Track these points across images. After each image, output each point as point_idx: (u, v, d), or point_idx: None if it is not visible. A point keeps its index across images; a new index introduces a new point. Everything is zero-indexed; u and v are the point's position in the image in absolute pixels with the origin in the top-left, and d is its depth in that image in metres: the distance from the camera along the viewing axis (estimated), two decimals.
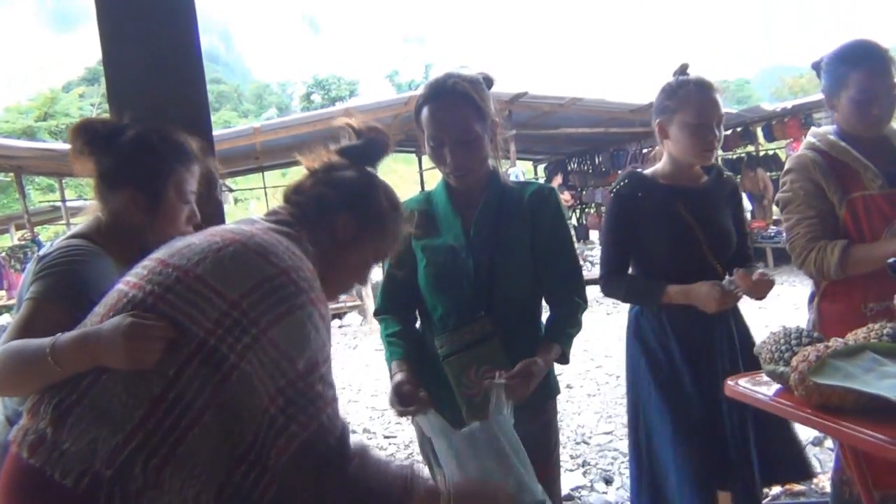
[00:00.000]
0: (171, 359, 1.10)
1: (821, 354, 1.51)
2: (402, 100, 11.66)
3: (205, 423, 1.08)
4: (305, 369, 1.15)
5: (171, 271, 1.17)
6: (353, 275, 1.49)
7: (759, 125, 13.72)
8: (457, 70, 1.87)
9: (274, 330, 1.13)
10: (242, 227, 1.27)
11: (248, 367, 1.10)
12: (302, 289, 1.19)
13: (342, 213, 1.39)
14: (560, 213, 1.98)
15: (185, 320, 1.11)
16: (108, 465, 1.05)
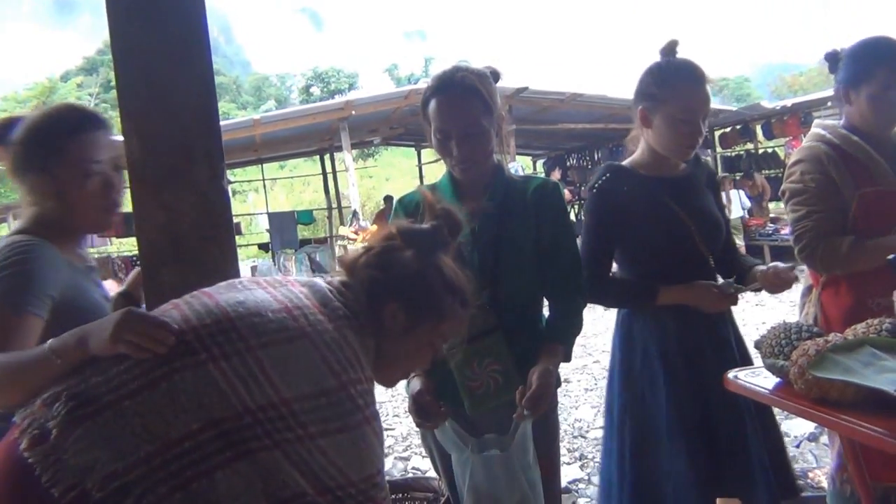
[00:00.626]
0: (199, 414, 1.07)
1: (820, 349, 1.53)
2: (402, 93, 11.65)
3: (213, 479, 1.05)
4: (359, 479, 1.14)
5: (235, 338, 1.14)
6: (411, 362, 1.44)
7: (758, 123, 13.74)
8: (464, 63, 1.89)
9: (323, 441, 1.11)
10: (317, 312, 1.22)
11: (281, 456, 1.08)
12: (359, 407, 1.16)
13: (389, 303, 1.32)
14: (563, 208, 2.00)
15: (230, 390, 1.09)
16: (100, 489, 1.03)
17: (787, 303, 8.77)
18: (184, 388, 1.09)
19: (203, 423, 1.07)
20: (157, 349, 1.12)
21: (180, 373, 1.10)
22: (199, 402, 1.08)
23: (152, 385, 1.09)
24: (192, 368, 1.10)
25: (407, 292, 1.33)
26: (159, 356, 1.12)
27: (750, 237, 13.49)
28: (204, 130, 1.80)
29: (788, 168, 2.31)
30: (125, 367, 1.12)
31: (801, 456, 3.83)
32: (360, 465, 1.14)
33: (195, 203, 1.75)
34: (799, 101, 12.89)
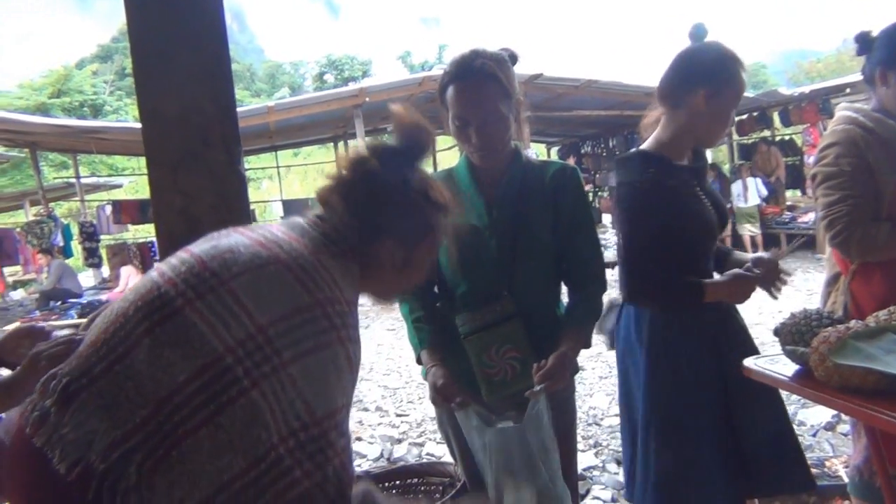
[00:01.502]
0: (184, 365, 1.07)
1: (841, 335, 1.51)
2: (416, 80, 11.59)
3: (198, 437, 1.05)
4: (322, 415, 1.11)
5: (208, 276, 1.13)
6: (407, 283, 1.42)
7: (775, 110, 13.60)
8: (482, 48, 1.86)
9: (295, 366, 1.09)
10: (291, 241, 1.21)
11: (258, 398, 1.07)
12: (334, 325, 1.14)
13: (384, 240, 1.28)
14: (582, 193, 1.98)
15: (209, 331, 1.08)
16: (103, 460, 1.04)
17: (804, 291, 8.72)
18: (165, 339, 1.09)
19: (188, 373, 1.06)
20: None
21: (160, 325, 1.10)
22: (182, 352, 1.07)
23: (137, 344, 1.09)
24: (171, 317, 1.10)
25: (400, 225, 1.29)
26: (139, 315, 1.12)
27: (766, 225, 13.40)
28: (220, 115, 1.80)
29: (820, 151, 2.22)
30: (111, 334, 1.13)
31: (818, 445, 3.81)
32: (325, 397, 1.11)
33: (212, 187, 1.75)
34: (817, 88, 12.72)
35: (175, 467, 1.04)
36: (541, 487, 1.68)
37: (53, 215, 13.37)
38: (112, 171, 27.75)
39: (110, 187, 19.56)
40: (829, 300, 2.33)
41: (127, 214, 13.14)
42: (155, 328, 1.09)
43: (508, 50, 1.90)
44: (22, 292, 14.68)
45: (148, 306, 1.12)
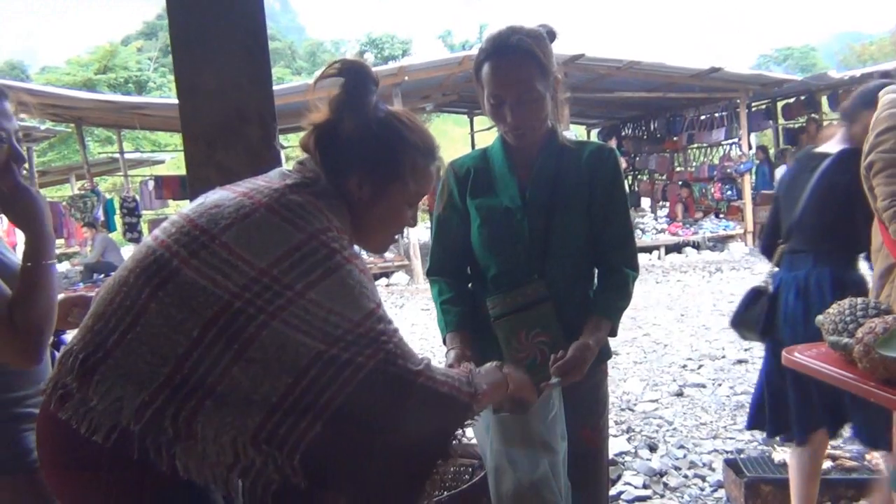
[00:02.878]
0: (194, 319, 1.10)
1: (889, 326, 1.46)
2: (456, 59, 11.51)
3: (233, 376, 1.09)
4: (361, 318, 1.16)
5: (198, 234, 1.16)
6: (389, 227, 1.44)
7: (824, 94, 13.22)
8: (519, 25, 1.81)
9: (313, 292, 1.13)
10: (272, 186, 1.25)
11: (281, 326, 1.10)
12: (334, 250, 1.18)
13: (351, 176, 1.32)
14: (619, 176, 1.93)
15: (210, 284, 1.11)
16: (136, 422, 1.07)
17: None
18: (170, 300, 1.11)
19: (201, 327, 1.09)
20: None
21: (162, 288, 1.12)
22: (190, 308, 1.10)
23: (144, 310, 1.12)
24: (170, 278, 1.13)
25: (362, 161, 1.32)
26: (139, 281, 1.15)
27: None
28: (256, 90, 1.80)
29: (877, 136, 2.10)
30: (116, 305, 1.15)
31: None
32: (356, 304, 1.16)
33: (248, 163, 1.75)
34: (869, 71, 12.30)
35: (214, 415, 1.08)
36: (538, 477, 1.65)
37: (96, 189, 13.65)
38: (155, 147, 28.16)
39: (153, 163, 19.88)
40: (884, 292, 2.23)
41: (168, 189, 13.35)
42: (157, 292, 1.12)
43: (546, 26, 1.85)
44: (67, 265, 15.04)
45: (146, 271, 1.15)
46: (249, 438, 1.09)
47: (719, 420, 4.18)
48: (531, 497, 1.64)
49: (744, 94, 12.82)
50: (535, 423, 1.68)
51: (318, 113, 1.35)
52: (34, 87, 13.61)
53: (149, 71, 40.16)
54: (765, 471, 2.95)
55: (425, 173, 1.40)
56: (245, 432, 1.08)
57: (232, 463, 1.09)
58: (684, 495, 3.21)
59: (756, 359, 5.37)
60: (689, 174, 14.95)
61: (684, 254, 12.25)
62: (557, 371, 1.69)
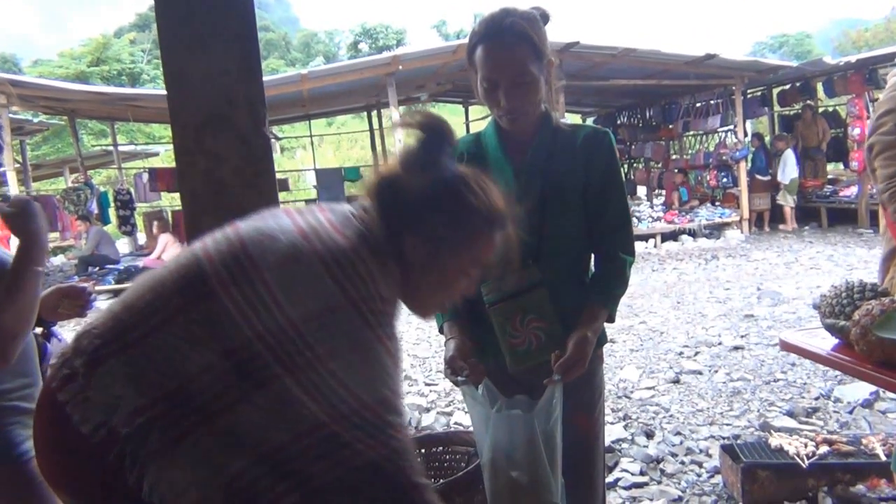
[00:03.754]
0: (213, 345, 1.07)
1: (885, 308, 1.45)
2: (450, 48, 11.45)
3: (237, 413, 1.05)
4: (373, 403, 1.10)
5: (244, 261, 1.12)
6: (440, 295, 1.34)
7: (819, 80, 13.19)
8: (512, 7, 1.79)
9: (333, 362, 1.08)
10: (332, 233, 1.17)
11: (292, 385, 1.07)
12: (370, 323, 1.12)
13: (407, 236, 1.24)
14: (614, 159, 1.90)
15: (240, 317, 1.08)
16: (126, 424, 1.05)
17: (844, 266, 8.52)
18: (197, 318, 1.08)
19: (218, 354, 1.07)
20: None
21: (194, 304, 1.09)
22: (213, 333, 1.08)
23: (171, 320, 1.09)
24: (205, 298, 1.10)
25: (421, 221, 1.24)
26: (176, 289, 1.12)
27: (806, 198, 13.10)
28: (245, 76, 1.77)
29: (877, 119, 2.09)
30: (147, 303, 1.13)
31: (855, 423, 3.73)
32: (372, 387, 1.11)
33: (237, 149, 1.73)
34: (864, 57, 12.27)
35: (203, 443, 1.04)
36: (538, 476, 1.64)
37: (90, 182, 13.60)
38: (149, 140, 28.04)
39: (147, 155, 19.82)
40: (888, 276, 2.22)
41: (162, 182, 13.31)
42: (188, 306, 1.09)
43: (540, 9, 1.82)
44: (62, 258, 14.99)
45: (184, 280, 1.12)
46: (225, 482, 1.04)
47: (716, 406, 4.18)
48: (528, 496, 1.63)
49: (739, 81, 12.79)
50: (540, 422, 1.67)
51: (386, 164, 1.29)
52: (27, 79, 13.53)
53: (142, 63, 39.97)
54: (761, 456, 2.94)
55: (486, 242, 1.30)
56: (222, 474, 1.04)
57: (196, 501, 1.05)
58: (681, 481, 3.21)
59: (752, 345, 5.38)
60: (685, 162, 14.93)
61: (680, 241, 12.24)
62: (559, 369, 1.68)
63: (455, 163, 1.30)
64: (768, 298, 6.90)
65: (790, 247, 10.70)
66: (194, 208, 1.73)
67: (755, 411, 4.05)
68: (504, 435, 1.68)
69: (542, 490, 1.64)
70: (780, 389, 4.37)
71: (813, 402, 4.10)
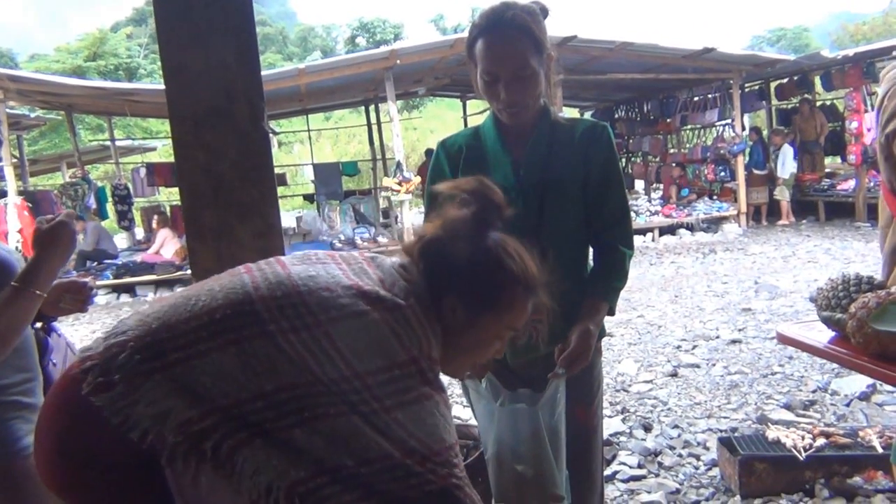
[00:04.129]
0: (272, 377, 1.07)
1: (881, 301, 1.46)
2: (448, 42, 11.43)
3: (293, 435, 1.05)
4: (441, 449, 1.12)
5: (303, 312, 1.12)
6: (473, 356, 1.37)
7: (817, 74, 13.18)
8: (513, 1, 1.79)
9: (399, 413, 1.10)
10: (384, 289, 1.20)
11: (359, 423, 1.07)
12: (428, 380, 1.15)
13: (447, 296, 1.26)
14: (613, 153, 1.91)
15: (300, 360, 1.09)
16: (177, 434, 1.06)
17: (842, 259, 8.54)
18: (254, 353, 1.08)
19: (276, 385, 1.07)
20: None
21: (249, 341, 1.09)
22: (272, 367, 1.08)
23: (221, 349, 1.09)
24: (261, 338, 1.10)
25: (462, 285, 1.27)
26: (227, 322, 1.11)
27: (803, 192, 13.11)
28: (244, 70, 1.77)
29: (887, 101, 2.07)
30: (193, 328, 1.12)
31: (852, 415, 3.75)
32: (439, 435, 1.12)
33: (235, 143, 1.73)
34: (862, 51, 12.26)
35: (260, 454, 1.04)
36: (543, 469, 1.65)
37: (87, 177, 13.57)
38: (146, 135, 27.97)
39: (144, 150, 19.76)
40: (894, 273, 2.18)
41: (160, 177, 13.29)
42: (243, 342, 1.09)
43: (539, 3, 1.83)
44: None
45: (238, 318, 1.12)
46: (287, 487, 1.04)
47: (713, 400, 4.20)
48: (534, 489, 1.65)
49: (737, 74, 12.79)
50: (544, 416, 1.68)
51: (431, 227, 1.33)
52: (24, 74, 13.49)
53: (139, 58, 39.80)
54: (759, 449, 2.95)
55: (522, 308, 1.33)
56: (285, 479, 1.04)
57: (256, 500, 1.05)
58: (679, 474, 3.23)
59: (749, 339, 5.40)
60: (683, 156, 14.93)
61: (678, 235, 12.26)
62: (563, 362, 1.69)
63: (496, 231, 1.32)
64: (766, 292, 6.91)
65: (787, 240, 10.71)
66: (193, 202, 1.73)
67: (752, 404, 4.06)
68: (509, 429, 1.70)
69: (547, 483, 1.65)
70: (777, 382, 4.39)
71: (810, 394, 4.12)
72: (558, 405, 1.72)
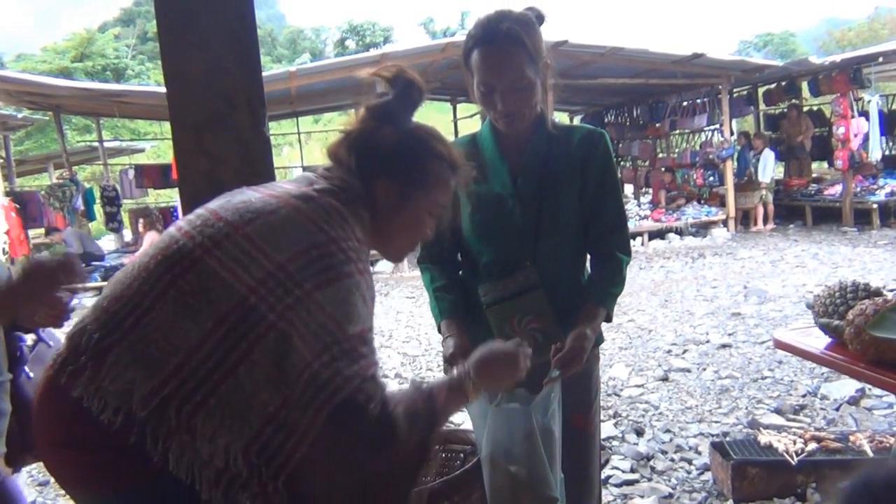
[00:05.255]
0: (209, 311, 1.12)
1: (879, 308, 1.48)
2: (439, 46, 11.46)
3: (237, 376, 1.10)
4: (352, 332, 1.16)
5: (222, 226, 1.19)
6: (410, 235, 1.46)
7: (804, 79, 13.29)
8: (508, 10, 1.79)
9: (320, 293, 1.14)
10: (300, 189, 1.27)
11: (286, 327, 1.11)
12: (350, 258, 1.20)
13: (380, 179, 1.35)
14: (610, 160, 1.92)
15: (229, 276, 1.13)
16: (143, 407, 1.09)
17: (829, 265, 8.61)
18: (188, 289, 1.13)
19: (214, 319, 1.11)
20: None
21: (182, 276, 1.14)
22: (207, 298, 1.12)
23: (162, 295, 1.14)
24: (191, 267, 1.15)
25: (393, 165, 1.36)
26: (160, 268, 1.17)
27: (791, 197, 13.21)
28: (245, 76, 1.78)
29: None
30: (135, 289, 1.17)
31: (841, 419, 3.78)
32: (354, 318, 1.17)
33: (237, 149, 1.74)
34: (848, 57, 12.38)
35: (215, 413, 1.09)
36: (536, 471, 1.66)
37: (75, 178, 13.47)
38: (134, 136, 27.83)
39: (132, 151, 19.64)
40: None
41: (149, 179, 13.23)
42: (177, 280, 1.14)
43: (535, 10, 1.83)
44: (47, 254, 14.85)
45: (168, 259, 1.17)
46: (242, 447, 1.09)
47: (704, 404, 4.22)
48: (527, 491, 1.65)
49: (725, 80, 12.87)
50: (537, 416, 1.68)
51: (356, 119, 1.40)
52: (11, 74, 13.39)
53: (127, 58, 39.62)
54: (751, 453, 2.97)
55: (447, 184, 1.44)
56: (240, 439, 1.09)
57: (222, 468, 1.10)
58: (671, 479, 3.24)
59: (739, 343, 5.43)
60: (672, 160, 15.01)
61: (667, 240, 12.31)
62: (558, 363, 1.69)
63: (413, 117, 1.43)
64: (755, 296, 6.96)
65: (776, 245, 10.78)
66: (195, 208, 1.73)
67: (743, 408, 4.09)
68: (502, 429, 1.70)
69: (540, 484, 1.66)
70: (767, 387, 4.42)
71: (800, 399, 4.15)
72: (551, 405, 1.73)
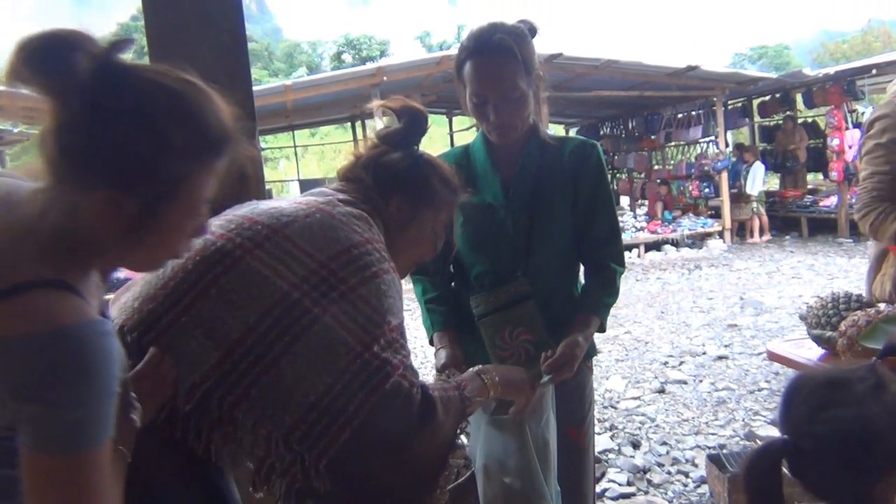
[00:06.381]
0: (253, 306, 1.14)
1: (871, 319, 1.47)
2: (434, 60, 11.50)
3: (280, 367, 1.12)
4: (395, 324, 1.23)
5: (259, 228, 1.22)
6: (416, 251, 1.55)
7: (798, 91, 13.36)
8: (500, 22, 1.80)
9: (364, 289, 1.20)
10: (326, 198, 1.34)
11: (331, 321, 1.15)
12: (384, 257, 1.27)
13: (394, 196, 1.44)
14: (602, 171, 1.92)
15: (272, 274, 1.16)
16: (187, 401, 1.12)
17: (825, 275, 8.61)
18: (231, 287, 1.15)
19: (258, 313, 1.14)
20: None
21: (224, 275, 1.16)
22: (250, 295, 1.15)
23: (204, 294, 1.15)
24: (233, 266, 1.17)
25: (406, 185, 1.46)
26: (199, 268, 1.18)
27: (786, 209, 13.24)
28: (236, 89, 1.76)
29: (869, 123, 2.14)
30: (171, 289, 1.18)
31: None
32: (395, 310, 1.24)
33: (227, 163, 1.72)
34: (842, 69, 12.45)
35: (257, 405, 1.12)
36: (531, 482, 1.64)
37: None
38: None
39: None
40: (876, 280, 2.20)
41: None
42: (220, 278, 1.16)
43: (528, 23, 1.83)
44: None
45: (207, 260, 1.18)
46: (283, 435, 1.12)
47: (701, 416, 4.21)
48: (522, 501, 1.63)
49: (720, 92, 12.92)
50: (531, 425, 1.67)
51: (363, 148, 1.52)
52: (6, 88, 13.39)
53: None
54: None
55: (452, 206, 1.57)
56: (281, 427, 1.12)
57: (263, 456, 1.13)
58: (668, 491, 3.23)
59: (736, 355, 5.42)
60: (668, 172, 15.04)
61: (663, 251, 12.32)
62: (548, 368, 1.68)
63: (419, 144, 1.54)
64: (751, 308, 6.96)
65: (772, 256, 10.80)
66: None
67: (740, 420, 4.08)
68: (496, 441, 1.69)
69: (534, 496, 1.64)
70: (764, 399, 4.41)
71: None
72: (545, 413, 1.72)
